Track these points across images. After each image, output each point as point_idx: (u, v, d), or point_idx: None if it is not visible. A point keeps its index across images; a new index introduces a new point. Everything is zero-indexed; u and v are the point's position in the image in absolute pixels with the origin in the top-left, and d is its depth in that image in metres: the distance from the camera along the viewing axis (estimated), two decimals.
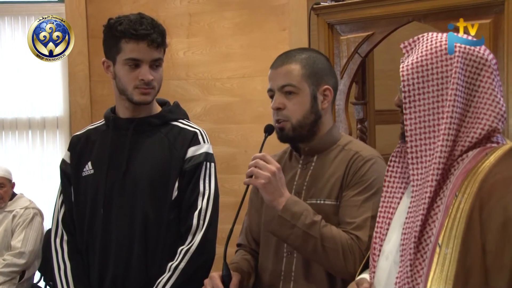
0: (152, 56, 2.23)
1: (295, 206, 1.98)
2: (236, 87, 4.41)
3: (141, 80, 2.22)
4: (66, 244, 2.35)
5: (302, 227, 1.96)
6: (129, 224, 2.25)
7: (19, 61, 4.78)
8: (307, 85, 2.09)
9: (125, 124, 2.32)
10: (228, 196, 2.31)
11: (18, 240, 4.24)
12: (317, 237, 1.96)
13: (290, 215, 1.97)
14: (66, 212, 2.37)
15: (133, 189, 2.26)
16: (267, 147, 2.09)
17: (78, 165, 2.37)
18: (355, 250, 1.96)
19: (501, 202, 1.41)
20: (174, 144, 2.30)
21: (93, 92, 4.63)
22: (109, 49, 2.28)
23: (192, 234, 2.24)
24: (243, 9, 4.40)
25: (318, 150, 2.15)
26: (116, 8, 4.46)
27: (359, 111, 3.41)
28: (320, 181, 2.10)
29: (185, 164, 2.28)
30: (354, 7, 3.08)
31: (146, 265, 2.24)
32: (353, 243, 1.96)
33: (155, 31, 2.22)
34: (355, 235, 1.97)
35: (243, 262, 2.25)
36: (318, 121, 2.12)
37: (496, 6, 2.63)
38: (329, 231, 1.98)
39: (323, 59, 2.17)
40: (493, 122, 1.54)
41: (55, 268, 2.34)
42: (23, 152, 4.89)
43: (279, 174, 2.00)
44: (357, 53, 3.10)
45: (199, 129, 2.36)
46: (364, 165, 2.05)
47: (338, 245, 1.96)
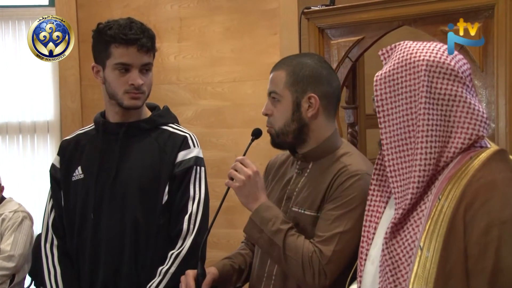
0: (142, 61, 2.23)
1: (266, 212, 2.02)
2: (227, 92, 4.41)
3: (131, 85, 2.22)
4: (56, 248, 2.35)
5: (268, 233, 2.00)
6: (119, 228, 2.25)
7: (9, 65, 4.77)
8: (289, 92, 2.09)
9: (115, 129, 2.31)
10: (219, 200, 2.31)
11: (7, 244, 4.22)
12: (280, 246, 1.98)
13: (260, 220, 2.02)
14: (56, 217, 2.36)
15: (123, 193, 2.26)
16: (265, 151, 2.10)
17: (67, 169, 2.36)
18: (315, 263, 1.95)
19: (485, 206, 1.41)
20: (164, 148, 2.30)
21: (84, 96, 4.62)
22: (98, 54, 2.28)
23: (182, 238, 2.24)
24: (234, 14, 4.41)
25: (313, 158, 2.14)
26: (106, 12, 4.45)
27: (349, 115, 3.41)
28: (308, 189, 2.10)
29: (175, 168, 2.28)
30: (344, 11, 3.08)
31: (137, 270, 2.24)
32: (314, 256, 1.96)
33: (144, 35, 2.22)
34: (319, 249, 1.97)
35: (237, 257, 2.27)
36: (304, 128, 2.10)
37: (486, 10, 2.64)
38: (293, 241, 1.99)
39: (314, 66, 2.11)
40: (478, 130, 1.53)
41: (46, 273, 2.34)
42: (13, 156, 4.87)
43: (255, 178, 2.04)
44: (348, 58, 3.11)
45: (189, 133, 2.36)
46: (347, 180, 2.02)
47: (299, 256, 1.97)
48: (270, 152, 2.36)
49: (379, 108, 1.61)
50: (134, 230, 2.23)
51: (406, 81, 1.56)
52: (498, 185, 1.44)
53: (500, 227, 1.38)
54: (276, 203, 2.14)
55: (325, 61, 2.24)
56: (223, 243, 4.19)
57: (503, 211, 1.40)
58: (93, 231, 2.28)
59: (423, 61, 1.55)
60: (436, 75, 1.54)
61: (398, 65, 1.58)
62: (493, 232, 1.38)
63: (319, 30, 3.18)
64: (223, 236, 4.15)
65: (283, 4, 4.20)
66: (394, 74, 1.58)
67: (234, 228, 2.41)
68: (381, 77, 1.60)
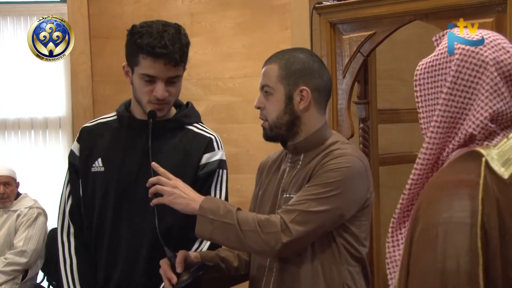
0: (168, 74, 2.18)
1: (210, 203, 2.03)
2: (238, 87, 4.41)
3: (155, 96, 2.19)
4: (73, 237, 2.33)
5: (220, 218, 2.00)
6: (139, 228, 2.24)
7: (21, 61, 4.78)
8: (282, 85, 2.13)
9: (140, 126, 2.28)
10: (230, 196, 2.32)
11: (20, 239, 4.25)
12: (234, 223, 1.98)
13: (208, 211, 2.01)
14: (73, 204, 2.34)
15: (145, 194, 2.23)
16: (266, 146, 2.10)
17: (87, 159, 2.33)
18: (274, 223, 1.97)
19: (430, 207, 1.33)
20: (189, 149, 2.28)
21: (96, 92, 4.64)
22: (129, 57, 2.23)
23: (199, 241, 2.24)
24: (245, 9, 4.40)
25: (304, 149, 2.16)
26: (117, 8, 4.46)
27: (361, 110, 3.40)
28: (298, 177, 2.13)
29: (199, 171, 2.27)
30: (356, 6, 3.07)
31: (153, 270, 2.21)
32: (273, 217, 1.98)
33: (175, 47, 2.14)
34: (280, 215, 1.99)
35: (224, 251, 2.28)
36: (296, 121, 2.13)
37: (499, 5, 2.62)
38: (245, 215, 2.01)
39: (306, 60, 2.15)
40: (472, 128, 1.47)
41: (61, 262, 2.33)
42: (25, 152, 4.90)
43: (182, 184, 2.06)
44: (360, 52, 3.09)
45: (214, 135, 2.36)
46: (333, 159, 2.04)
47: (255, 223, 1.98)
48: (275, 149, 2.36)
49: (418, 93, 1.58)
50: (153, 231, 2.19)
51: (441, 69, 1.53)
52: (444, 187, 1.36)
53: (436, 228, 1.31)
54: (272, 197, 2.18)
55: (316, 55, 2.27)
56: None
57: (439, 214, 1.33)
58: (112, 228, 2.27)
59: (457, 49, 1.50)
60: (466, 65, 1.49)
61: (439, 51, 1.56)
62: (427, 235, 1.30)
63: (330, 25, 3.17)
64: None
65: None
66: (434, 60, 1.56)
67: None
68: (423, 63, 1.59)
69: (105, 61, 4.51)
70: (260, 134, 2.19)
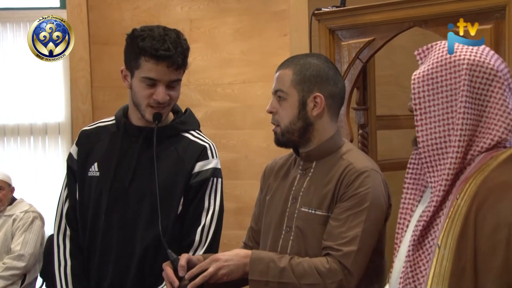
0: (170, 78, 2.18)
1: (258, 264, 2.00)
2: (237, 93, 4.41)
3: (155, 99, 2.19)
4: (69, 240, 2.34)
5: (274, 279, 1.98)
6: (130, 235, 2.24)
7: (21, 67, 4.79)
8: (296, 91, 2.10)
9: (136, 132, 2.28)
10: (229, 201, 2.31)
11: (17, 243, 4.26)
12: (294, 281, 1.97)
13: (259, 275, 1.99)
14: (70, 207, 2.35)
15: (137, 200, 2.24)
16: (264, 152, 2.10)
17: (84, 162, 2.34)
18: (335, 271, 1.96)
19: (495, 206, 1.43)
20: (182, 157, 2.27)
21: (95, 98, 4.64)
22: (128, 60, 2.23)
23: (193, 250, 2.22)
24: (244, 15, 4.41)
25: (316, 157, 2.15)
26: (117, 14, 4.47)
27: (360, 116, 3.41)
28: (315, 189, 2.11)
29: (192, 179, 2.26)
30: (355, 12, 3.08)
31: (144, 276, 2.23)
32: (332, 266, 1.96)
33: (177, 51, 2.16)
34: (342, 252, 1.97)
35: None
36: (309, 127, 2.11)
37: (498, 11, 2.62)
38: (302, 268, 1.98)
39: (321, 66, 2.13)
40: (503, 133, 1.56)
41: (56, 264, 2.34)
42: (25, 157, 4.89)
43: (219, 259, 2.01)
44: (358, 59, 3.10)
45: (209, 143, 2.33)
46: (356, 178, 2.03)
47: (316, 276, 1.96)
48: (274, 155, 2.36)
49: (416, 106, 1.63)
50: (145, 238, 2.20)
51: (446, 80, 1.59)
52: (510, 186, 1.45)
53: (510, 228, 1.40)
54: (282, 204, 2.15)
55: (331, 62, 2.25)
56: (233, 245, 4.17)
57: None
58: (103, 233, 2.27)
59: (464, 60, 1.58)
60: (476, 74, 1.57)
61: (437, 64, 1.61)
62: (502, 232, 1.40)
63: (329, 31, 3.17)
64: (233, 238, 4.14)
65: (293, 6, 4.21)
66: (433, 73, 1.61)
67: (245, 229, 2.40)
68: (419, 76, 1.63)
69: (104, 67, 4.52)
70: (259, 140, 2.19)
